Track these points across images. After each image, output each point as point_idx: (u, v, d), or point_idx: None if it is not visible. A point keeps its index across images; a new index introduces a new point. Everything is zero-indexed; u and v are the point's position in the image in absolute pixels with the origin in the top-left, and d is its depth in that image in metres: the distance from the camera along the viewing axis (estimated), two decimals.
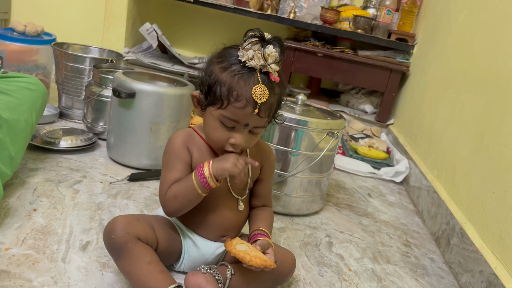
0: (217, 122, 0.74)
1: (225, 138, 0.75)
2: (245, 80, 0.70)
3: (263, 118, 0.73)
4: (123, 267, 0.73)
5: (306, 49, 2.04)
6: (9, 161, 0.95)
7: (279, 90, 0.74)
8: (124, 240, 0.72)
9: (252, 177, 0.84)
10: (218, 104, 0.72)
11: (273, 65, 0.71)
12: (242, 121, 0.73)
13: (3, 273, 0.74)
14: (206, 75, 0.75)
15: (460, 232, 1.07)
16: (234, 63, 0.72)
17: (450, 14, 1.64)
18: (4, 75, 1.07)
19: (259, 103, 0.70)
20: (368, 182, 1.61)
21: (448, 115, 1.41)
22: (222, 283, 0.79)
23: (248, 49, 0.70)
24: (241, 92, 0.70)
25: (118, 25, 2.21)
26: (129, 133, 1.23)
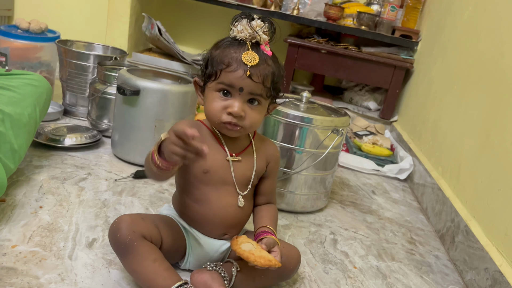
0: (214, 93, 0.76)
1: (222, 108, 0.75)
2: (235, 48, 0.75)
3: (257, 83, 0.74)
4: (129, 266, 0.73)
5: (310, 46, 2.04)
6: (11, 155, 0.95)
7: (272, 63, 0.77)
8: (130, 239, 0.72)
9: (256, 173, 0.84)
10: (213, 76, 0.75)
11: (263, 35, 0.75)
12: (235, 84, 0.74)
13: (10, 270, 0.74)
14: (203, 61, 0.79)
15: (465, 230, 1.07)
16: (226, 41, 0.77)
17: (455, 10, 1.64)
18: (8, 73, 1.08)
19: (249, 66, 0.73)
20: (372, 179, 1.60)
21: (453, 112, 1.41)
22: (228, 280, 0.79)
23: (237, 25, 0.75)
24: (231, 57, 0.74)
25: (121, 22, 2.21)
26: (133, 131, 1.23)
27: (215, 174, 0.79)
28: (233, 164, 0.80)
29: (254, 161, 0.83)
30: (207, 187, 0.79)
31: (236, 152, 0.81)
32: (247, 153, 0.83)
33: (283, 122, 1.12)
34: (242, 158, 0.82)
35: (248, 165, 0.82)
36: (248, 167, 0.82)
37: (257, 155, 0.84)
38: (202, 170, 0.78)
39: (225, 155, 0.80)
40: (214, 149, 0.80)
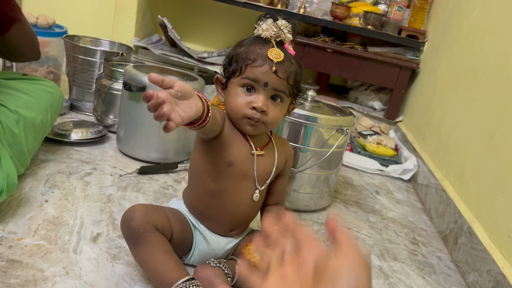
0: (238, 89, 0.76)
1: (246, 103, 0.76)
2: (260, 45, 0.76)
3: (281, 79, 0.75)
4: (140, 256, 0.74)
5: (316, 45, 2.04)
6: (21, 157, 0.97)
7: (295, 62, 0.78)
8: (143, 229, 0.73)
9: (276, 169, 0.84)
10: (238, 71, 0.76)
11: (288, 34, 0.76)
12: (260, 79, 0.74)
13: (16, 263, 0.75)
14: (226, 58, 0.79)
15: (468, 231, 1.07)
16: (250, 39, 0.78)
17: (462, 11, 1.63)
18: (25, 77, 1.10)
19: (275, 62, 0.74)
20: (375, 179, 1.61)
21: (457, 113, 1.40)
22: (231, 277, 0.79)
23: (262, 24, 0.76)
24: (257, 53, 0.75)
25: (128, 18, 2.22)
26: (139, 127, 1.24)
27: (238, 167, 0.79)
28: (257, 158, 0.81)
29: (275, 156, 0.84)
30: (226, 181, 0.79)
31: (259, 147, 0.82)
32: (268, 149, 0.83)
33: (288, 121, 1.13)
34: (265, 153, 0.82)
35: (269, 160, 0.83)
36: (270, 162, 0.83)
37: (277, 152, 0.85)
38: (226, 162, 0.78)
39: (250, 148, 0.80)
40: (239, 142, 0.79)
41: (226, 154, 0.78)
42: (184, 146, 1.30)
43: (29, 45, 1.06)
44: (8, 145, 0.92)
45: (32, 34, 1.07)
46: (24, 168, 1.01)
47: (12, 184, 0.86)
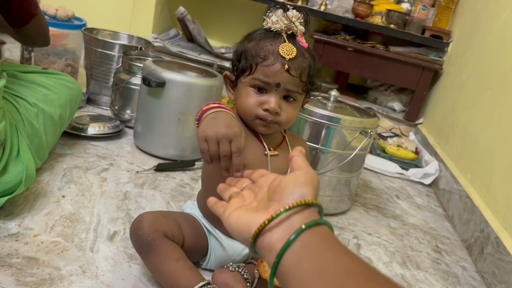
0: (248, 89, 0.73)
1: (258, 104, 0.72)
2: (271, 41, 0.71)
3: (294, 77, 0.71)
4: (151, 265, 0.72)
5: (336, 43, 1.99)
6: (39, 150, 0.96)
7: (309, 55, 0.73)
8: (152, 237, 0.71)
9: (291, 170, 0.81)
10: (248, 70, 0.72)
11: (298, 25, 0.71)
12: (272, 80, 0.70)
13: (32, 260, 0.74)
14: (235, 54, 0.75)
15: (496, 241, 1.03)
16: (259, 33, 0.73)
17: (491, 12, 1.57)
18: (44, 71, 1.09)
19: (287, 59, 0.69)
20: (395, 182, 1.56)
21: (485, 117, 1.35)
22: (250, 282, 0.77)
23: (271, 15, 0.71)
24: (268, 50, 0.70)
25: (146, 12, 2.20)
26: (156, 123, 1.22)
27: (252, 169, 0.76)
28: (271, 159, 0.78)
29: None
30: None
31: (273, 147, 0.79)
32: (282, 148, 0.80)
33: (309, 121, 1.09)
34: (279, 153, 0.79)
35: (284, 160, 0.80)
36: (284, 162, 0.80)
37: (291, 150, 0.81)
38: None
39: (263, 149, 0.77)
40: (252, 143, 0.76)
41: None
42: None
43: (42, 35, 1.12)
44: (28, 137, 0.91)
45: (45, 25, 1.11)
46: (42, 161, 1.00)
47: (31, 176, 0.85)
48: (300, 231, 0.42)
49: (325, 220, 0.44)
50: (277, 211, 0.44)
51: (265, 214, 0.46)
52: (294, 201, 0.45)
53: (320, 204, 0.47)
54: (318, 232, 0.43)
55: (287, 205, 0.44)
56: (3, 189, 0.81)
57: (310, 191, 0.46)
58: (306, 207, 0.45)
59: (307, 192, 0.46)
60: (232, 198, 0.53)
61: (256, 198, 0.51)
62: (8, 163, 0.82)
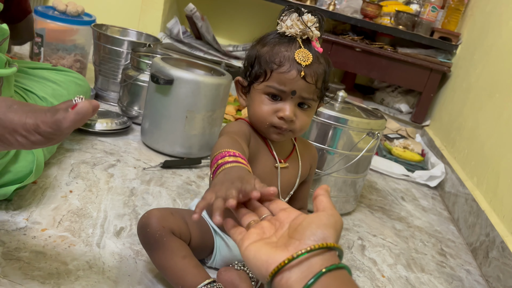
0: (262, 96, 0.71)
1: (272, 111, 0.71)
2: (286, 46, 0.69)
3: (310, 84, 0.70)
4: (158, 261, 0.72)
5: (344, 43, 1.99)
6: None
7: (324, 61, 0.72)
8: (159, 234, 0.71)
9: (300, 179, 0.81)
10: (262, 76, 0.70)
11: (315, 31, 0.69)
12: (288, 87, 0.69)
13: (40, 254, 0.74)
14: (247, 58, 0.74)
15: (501, 246, 1.03)
16: (273, 37, 0.71)
17: (501, 15, 1.56)
18: (54, 68, 1.10)
19: (303, 65, 0.68)
20: (401, 184, 1.56)
21: (493, 121, 1.35)
22: (255, 281, 0.77)
23: (286, 19, 0.69)
24: (283, 56, 0.68)
25: (155, 9, 2.20)
26: (164, 120, 1.22)
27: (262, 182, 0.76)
28: (281, 171, 0.77)
29: (299, 166, 0.80)
30: None
31: (283, 158, 0.78)
32: (292, 158, 0.79)
33: (316, 121, 1.09)
34: (289, 164, 0.79)
35: (293, 171, 0.79)
36: (294, 173, 0.79)
37: (301, 160, 0.81)
38: None
39: (274, 161, 0.76)
40: (263, 156, 0.76)
41: (252, 166, 0.74)
42: (208, 142, 1.28)
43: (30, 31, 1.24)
44: None
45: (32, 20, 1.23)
46: (50, 154, 1.01)
47: (40, 167, 0.86)
48: (320, 274, 0.41)
49: (344, 264, 0.43)
50: (298, 252, 0.43)
51: (285, 252, 0.44)
52: (316, 243, 0.43)
53: (341, 247, 0.46)
54: (338, 276, 0.42)
55: (308, 247, 0.43)
56: (13, 178, 0.82)
57: (332, 234, 0.45)
58: (327, 250, 0.44)
59: (329, 235, 0.44)
60: (251, 227, 0.50)
61: (276, 233, 0.49)
62: (19, 152, 0.83)
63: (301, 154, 0.81)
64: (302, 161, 0.81)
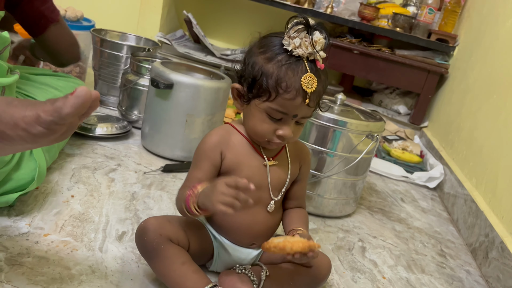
0: (264, 115, 0.72)
1: (273, 130, 0.73)
2: (293, 70, 0.68)
3: (311, 107, 0.71)
4: (157, 269, 0.72)
5: (342, 46, 2.00)
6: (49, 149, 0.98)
7: (324, 77, 0.72)
8: (157, 242, 0.71)
9: (291, 177, 0.82)
10: (265, 96, 0.70)
11: (321, 52, 0.69)
12: (291, 112, 0.71)
13: (42, 259, 0.75)
14: (248, 67, 0.72)
15: (501, 246, 1.03)
16: (279, 53, 0.69)
17: (497, 17, 1.58)
18: (55, 73, 1.11)
19: (308, 93, 0.69)
20: (400, 186, 1.57)
21: (491, 122, 1.36)
22: (257, 283, 0.77)
23: (295, 37, 0.68)
24: (291, 83, 0.68)
25: (153, 13, 2.21)
26: (164, 124, 1.23)
27: (251, 181, 0.76)
28: (270, 169, 0.78)
29: (289, 164, 0.81)
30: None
31: (271, 156, 0.79)
32: (281, 156, 0.80)
33: (315, 124, 1.10)
34: (278, 162, 0.80)
35: (283, 168, 0.80)
36: (283, 170, 0.80)
37: (291, 158, 0.82)
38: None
39: (262, 160, 0.77)
40: (249, 156, 0.77)
41: (236, 173, 0.75)
42: None
43: (66, 47, 1.09)
44: None
45: (70, 37, 1.10)
46: (52, 160, 1.01)
47: (42, 174, 0.87)
48: None
49: None
50: None
51: None
52: None
53: None
54: None
55: None
56: (16, 185, 0.83)
57: None
58: None
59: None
60: None
61: None
62: (22, 159, 0.84)
63: (290, 153, 0.82)
64: (291, 159, 0.81)
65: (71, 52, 1.12)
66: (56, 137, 0.53)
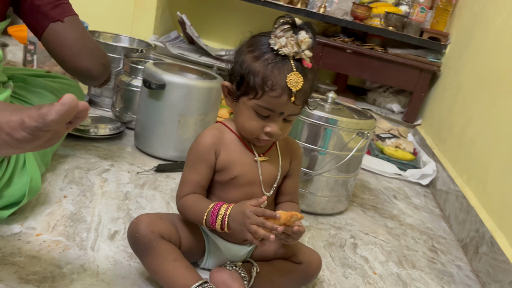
0: (252, 112, 0.74)
1: (260, 127, 0.74)
2: (279, 68, 0.70)
3: (298, 105, 0.73)
4: (149, 266, 0.73)
5: (335, 45, 2.01)
6: (44, 157, 0.99)
7: (311, 76, 0.74)
8: (148, 239, 0.72)
9: (282, 172, 0.83)
10: (252, 94, 0.72)
11: (307, 52, 0.71)
12: (277, 110, 0.72)
13: (34, 258, 0.76)
14: (237, 65, 0.74)
15: (490, 241, 1.04)
16: (266, 52, 0.71)
17: (488, 14, 1.59)
18: (48, 74, 1.10)
19: (294, 91, 0.70)
20: (393, 183, 1.58)
21: (482, 119, 1.37)
22: (247, 280, 0.78)
23: (280, 36, 0.69)
24: (276, 81, 0.70)
25: (147, 14, 2.22)
26: (157, 124, 1.24)
27: (243, 177, 0.78)
28: (261, 164, 0.79)
29: (279, 160, 0.82)
30: (232, 191, 0.78)
31: (262, 153, 0.80)
32: (271, 152, 0.82)
33: (307, 122, 1.11)
34: (269, 158, 0.81)
35: (274, 164, 0.81)
36: (274, 166, 0.81)
37: (281, 154, 0.83)
38: (229, 177, 0.77)
39: (252, 156, 0.79)
40: (241, 153, 0.78)
41: (229, 170, 0.77)
42: None
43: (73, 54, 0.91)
44: None
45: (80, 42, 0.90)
46: (47, 167, 1.01)
47: (35, 188, 0.86)
48: None
49: None
50: None
51: None
52: None
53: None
54: None
55: None
56: (8, 202, 0.82)
57: None
58: None
59: None
60: None
61: None
62: (13, 175, 0.83)
63: (281, 149, 0.83)
64: (282, 155, 0.83)
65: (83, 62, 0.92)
66: (40, 144, 0.53)
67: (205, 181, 0.78)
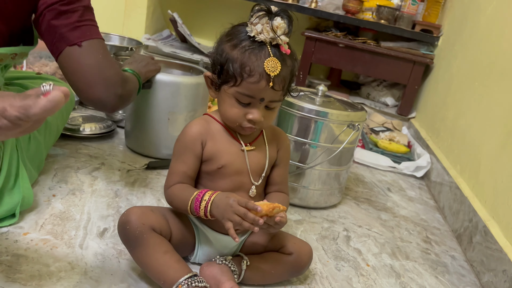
0: (233, 99, 0.74)
1: (242, 115, 0.75)
2: (256, 54, 0.71)
3: (277, 91, 0.73)
4: (139, 258, 0.73)
5: (328, 40, 2.00)
6: (38, 164, 0.98)
7: (291, 62, 0.75)
8: (139, 231, 0.72)
9: (269, 162, 0.82)
10: (232, 81, 0.73)
11: (282, 37, 0.72)
12: (257, 96, 0.73)
13: (21, 257, 0.75)
14: (217, 55, 0.75)
15: (484, 230, 1.04)
16: (243, 39, 0.72)
17: (479, 5, 1.58)
18: (39, 76, 1.10)
19: (272, 76, 0.71)
20: (388, 176, 1.57)
21: (474, 109, 1.36)
22: (237, 274, 0.78)
23: (256, 23, 0.71)
24: (253, 67, 0.71)
25: (138, 13, 2.21)
26: (147, 123, 1.23)
27: (230, 167, 0.78)
28: (248, 154, 0.79)
29: (266, 149, 0.82)
30: (221, 181, 0.78)
31: (248, 142, 0.80)
32: (258, 142, 0.82)
33: (298, 116, 1.11)
34: (256, 147, 0.81)
35: (261, 153, 0.81)
36: (262, 155, 0.81)
37: (268, 143, 0.83)
38: (216, 166, 0.78)
39: (239, 146, 0.79)
40: (227, 143, 0.79)
41: (216, 160, 0.78)
42: None
43: (89, 82, 0.82)
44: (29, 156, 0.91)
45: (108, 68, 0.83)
46: (39, 172, 1.00)
47: (27, 204, 0.85)
48: None
49: None
50: None
51: None
52: None
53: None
54: None
55: None
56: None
57: None
58: None
59: None
60: None
61: None
62: (3, 195, 0.81)
63: (268, 138, 0.83)
64: (268, 145, 0.83)
65: (97, 92, 0.82)
66: (21, 131, 0.53)
67: (192, 171, 0.78)
